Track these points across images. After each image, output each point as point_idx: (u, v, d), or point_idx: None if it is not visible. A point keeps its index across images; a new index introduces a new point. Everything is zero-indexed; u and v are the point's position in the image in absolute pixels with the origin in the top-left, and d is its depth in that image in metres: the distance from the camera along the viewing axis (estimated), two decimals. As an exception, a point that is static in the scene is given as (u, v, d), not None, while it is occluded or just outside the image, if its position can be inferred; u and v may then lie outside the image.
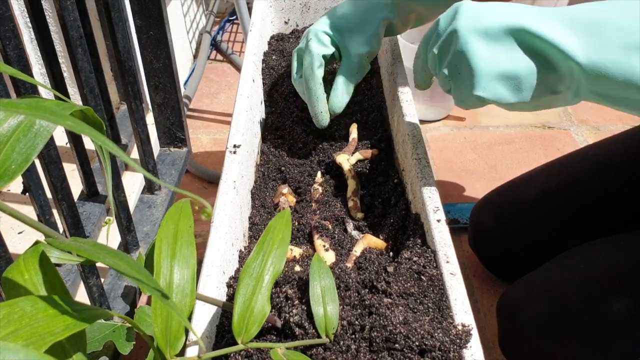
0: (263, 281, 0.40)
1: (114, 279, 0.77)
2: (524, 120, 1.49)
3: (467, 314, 0.43)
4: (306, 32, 0.69)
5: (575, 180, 0.87)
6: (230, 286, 0.49)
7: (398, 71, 0.72)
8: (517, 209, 0.91)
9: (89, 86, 0.68)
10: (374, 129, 0.73)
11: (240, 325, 0.38)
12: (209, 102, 1.53)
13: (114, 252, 0.31)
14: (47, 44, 0.64)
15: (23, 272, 0.30)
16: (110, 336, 0.63)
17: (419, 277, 0.47)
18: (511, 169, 1.31)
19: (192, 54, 1.68)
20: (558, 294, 0.71)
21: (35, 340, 0.26)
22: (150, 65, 0.89)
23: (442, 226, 0.50)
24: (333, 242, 0.58)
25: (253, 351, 0.42)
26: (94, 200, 0.81)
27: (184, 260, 0.38)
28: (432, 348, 0.40)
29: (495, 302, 0.97)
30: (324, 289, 0.43)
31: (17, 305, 0.27)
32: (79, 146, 0.73)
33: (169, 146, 0.99)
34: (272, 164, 0.70)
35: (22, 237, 0.84)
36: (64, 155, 0.64)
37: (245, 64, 0.74)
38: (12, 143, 0.29)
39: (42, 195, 0.60)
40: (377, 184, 0.66)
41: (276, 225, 0.43)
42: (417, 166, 0.57)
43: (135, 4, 0.83)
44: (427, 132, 1.43)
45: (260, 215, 0.63)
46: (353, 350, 0.41)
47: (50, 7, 0.99)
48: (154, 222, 0.86)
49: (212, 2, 1.83)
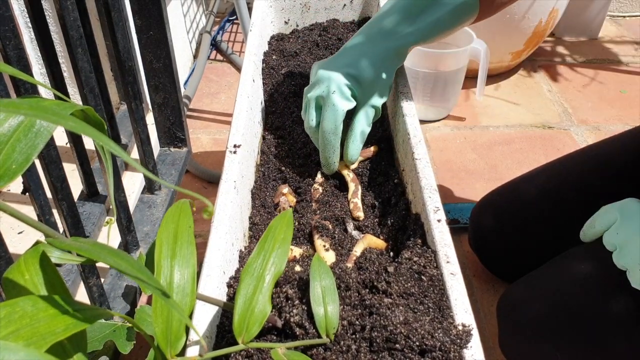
0: (264, 281, 0.40)
1: (114, 278, 0.77)
2: (524, 120, 1.49)
3: (468, 314, 0.43)
4: (322, 77, 0.65)
5: (576, 180, 0.87)
6: (231, 286, 0.49)
7: (398, 71, 0.72)
8: (517, 209, 0.91)
9: (89, 86, 0.68)
10: (374, 129, 0.73)
11: (241, 325, 0.38)
12: (209, 102, 1.53)
13: (114, 252, 0.31)
14: (47, 44, 0.64)
15: (23, 272, 0.30)
16: (110, 336, 0.63)
17: (419, 277, 0.47)
18: (511, 169, 1.31)
19: (192, 53, 1.68)
20: (558, 293, 0.71)
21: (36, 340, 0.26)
22: (150, 65, 0.89)
23: (442, 226, 0.50)
24: (333, 242, 0.58)
25: (253, 351, 0.42)
26: (94, 200, 0.81)
27: (184, 260, 0.38)
28: (433, 348, 0.40)
29: (495, 302, 0.97)
30: (325, 289, 0.43)
31: (18, 305, 0.27)
32: (79, 146, 0.73)
33: (169, 146, 0.99)
34: (272, 164, 0.70)
35: (22, 237, 0.84)
36: (64, 155, 0.64)
37: (245, 64, 0.74)
38: (13, 143, 0.29)
39: (42, 195, 0.60)
40: (377, 184, 0.66)
41: (278, 225, 0.43)
42: (417, 166, 0.57)
43: (135, 3, 0.83)
44: (427, 132, 1.43)
45: (260, 215, 0.63)
46: (353, 351, 0.41)
47: (50, 7, 0.99)
48: (154, 222, 0.86)
49: (212, 2, 1.83)
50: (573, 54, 1.80)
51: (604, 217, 0.69)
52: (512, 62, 1.62)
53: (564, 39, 1.89)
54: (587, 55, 1.80)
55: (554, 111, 1.53)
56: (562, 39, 1.89)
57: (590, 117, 1.51)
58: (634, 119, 1.51)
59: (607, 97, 1.60)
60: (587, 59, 1.78)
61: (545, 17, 1.48)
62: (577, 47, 1.85)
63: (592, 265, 0.70)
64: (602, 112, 1.53)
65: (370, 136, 0.72)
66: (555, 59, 1.78)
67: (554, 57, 1.79)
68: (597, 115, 1.52)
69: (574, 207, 0.85)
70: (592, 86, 1.65)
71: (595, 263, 0.70)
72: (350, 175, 0.66)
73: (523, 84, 1.65)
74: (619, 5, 2.04)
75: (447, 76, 1.36)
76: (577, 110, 1.54)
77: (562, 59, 1.78)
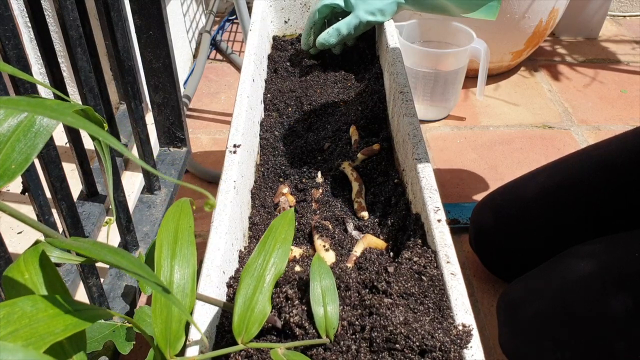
0: (264, 281, 0.40)
1: (113, 279, 0.77)
2: (524, 120, 1.49)
3: (468, 314, 0.43)
4: None
5: (576, 179, 0.87)
6: (231, 286, 0.49)
7: (398, 71, 0.72)
8: (518, 209, 0.91)
9: (89, 86, 0.68)
10: (374, 129, 0.73)
11: (241, 326, 0.38)
12: (208, 101, 1.53)
13: (114, 250, 0.31)
14: (47, 44, 0.64)
15: (23, 271, 0.30)
16: (110, 336, 0.63)
17: (419, 277, 0.47)
18: (511, 169, 1.31)
19: (192, 53, 1.68)
20: (558, 292, 0.71)
21: (35, 340, 0.26)
22: (150, 65, 0.89)
23: (442, 226, 0.50)
24: (333, 242, 0.58)
25: (253, 351, 0.42)
26: (94, 200, 0.81)
27: (184, 260, 0.38)
28: (433, 348, 0.40)
29: (495, 302, 0.97)
30: (324, 289, 0.43)
31: (17, 305, 0.27)
32: (79, 146, 0.73)
33: (168, 146, 0.99)
34: (272, 164, 0.70)
35: (21, 237, 0.84)
36: (63, 155, 0.64)
37: (245, 63, 0.74)
38: (12, 143, 0.29)
39: (41, 195, 0.60)
40: (377, 184, 0.66)
41: (279, 225, 0.42)
42: (417, 166, 0.57)
43: (135, 3, 0.83)
44: (427, 132, 1.43)
45: (260, 215, 0.63)
46: (353, 351, 0.41)
47: (49, 6, 0.99)
48: (154, 222, 0.86)
49: (212, 2, 1.83)
50: (573, 54, 1.80)
51: None
52: (512, 61, 1.62)
53: (564, 38, 1.89)
54: (587, 55, 1.80)
55: (554, 111, 1.53)
56: (562, 38, 1.89)
57: (590, 116, 1.51)
58: (634, 118, 1.51)
59: (608, 96, 1.60)
60: (587, 58, 1.78)
61: (546, 16, 1.48)
62: (577, 46, 1.85)
63: (592, 265, 0.70)
64: (603, 111, 1.53)
65: (370, 136, 0.72)
66: (556, 59, 1.78)
67: (554, 56, 1.79)
68: (597, 115, 1.52)
69: (574, 207, 0.85)
70: (592, 86, 1.65)
71: (595, 262, 0.70)
72: (353, 174, 0.66)
73: (523, 83, 1.65)
74: (619, 4, 2.04)
75: (447, 76, 1.36)
76: (578, 110, 1.54)
77: (562, 59, 1.78)
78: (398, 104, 0.68)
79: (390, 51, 0.77)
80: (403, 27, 1.39)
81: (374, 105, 0.75)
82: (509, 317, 0.77)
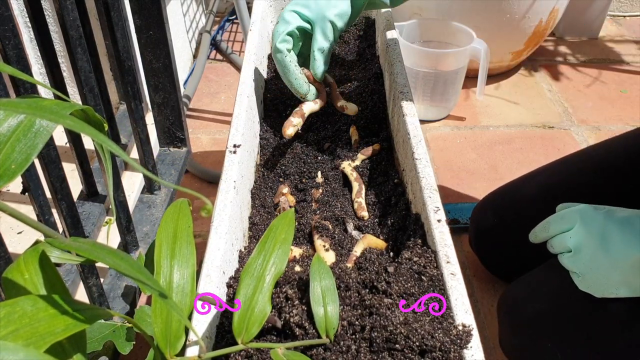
0: (264, 281, 0.40)
1: (113, 279, 0.77)
2: (524, 120, 1.49)
3: (468, 314, 0.43)
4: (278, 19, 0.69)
5: (576, 179, 0.87)
6: (230, 286, 0.49)
7: (398, 71, 0.72)
8: (518, 209, 0.91)
9: (89, 86, 0.68)
10: (374, 129, 0.73)
11: (241, 326, 0.38)
12: (208, 101, 1.53)
13: (114, 252, 0.31)
14: (47, 44, 0.64)
15: (23, 271, 0.30)
16: (110, 336, 0.63)
17: (419, 278, 0.47)
18: (511, 169, 1.31)
19: (192, 53, 1.68)
20: (558, 292, 0.71)
21: (35, 340, 0.26)
22: (150, 65, 0.89)
23: (442, 226, 0.50)
24: (333, 242, 0.58)
25: (253, 351, 0.42)
26: (94, 200, 0.81)
27: (184, 260, 0.38)
28: (433, 348, 0.40)
29: (495, 302, 0.97)
30: (324, 289, 0.43)
31: (18, 304, 0.27)
32: (79, 146, 0.73)
33: (168, 146, 0.99)
34: (272, 163, 0.70)
35: (21, 237, 0.84)
36: (63, 155, 0.64)
37: (245, 63, 0.74)
38: (12, 143, 0.29)
39: (41, 195, 0.60)
40: (377, 184, 0.66)
41: (279, 225, 0.42)
42: (417, 166, 0.57)
43: (135, 3, 0.83)
44: (427, 132, 1.43)
45: (260, 215, 0.63)
46: (353, 351, 0.41)
47: (49, 6, 0.99)
48: (154, 222, 0.86)
49: (211, 2, 1.83)
50: (573, 54, 1.80)
51: (561, 221, 0.68)
52: (512, 61, 1.62)
53: (565, 38, 1.89)
54: (588, 55, 1.80)
55: (554, 111, 1.53)
56: (562, 38, 1.89)
57: (590, 117, 1.51)
58: (634, 118, 1.51)
59: (608, 96, 1.60)
60: (587, 58, 1.78)
61: (546, 16, 1.48)
62: (578, 46, 1.85)
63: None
64: (603, 111, 1.53)
65: (370, 136, 0.72)
66: (556, 59, 1.78)
67: (554, 56, 1.79)
68: (597, 115, 1.52)
69: (574, 206, 0.85)
70: (592, 86, 1.65)
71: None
72: (353, 174, 0.66)
73: (523, 83, 1.65)
74: (619, 5, 2.04)
75: (447, 76, 1.36)
76: (578, 110, 1.54)
77: (562, 59, 1.78)
78: (398, 104, 0.68)
79: (390, 51, 0.77)
80: (403, 27, 1.39)
81: (373, 105, 0.75)
82: (509, 317, 0.77)
